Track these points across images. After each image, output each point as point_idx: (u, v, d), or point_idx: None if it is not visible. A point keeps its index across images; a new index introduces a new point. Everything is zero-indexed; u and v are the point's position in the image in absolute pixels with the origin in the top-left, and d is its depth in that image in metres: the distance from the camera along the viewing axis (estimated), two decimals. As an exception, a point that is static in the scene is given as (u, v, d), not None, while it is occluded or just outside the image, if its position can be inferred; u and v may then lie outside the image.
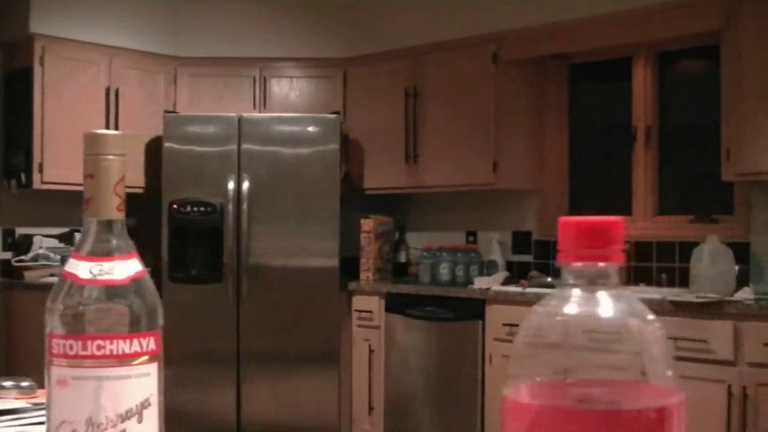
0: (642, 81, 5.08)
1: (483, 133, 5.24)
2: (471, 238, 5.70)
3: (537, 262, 5.40)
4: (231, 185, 5.40)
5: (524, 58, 5.22)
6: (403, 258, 5.87)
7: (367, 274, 5.62)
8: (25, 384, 1.77)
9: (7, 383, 1.78)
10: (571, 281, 0.69)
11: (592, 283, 0.69)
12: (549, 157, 5.43)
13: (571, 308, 0.69)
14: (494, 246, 5.47)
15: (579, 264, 0.69)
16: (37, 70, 5.20)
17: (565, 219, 0.69)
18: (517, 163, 5.31)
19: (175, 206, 5.40)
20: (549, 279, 4.90)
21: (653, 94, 5.06)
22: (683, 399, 0.67)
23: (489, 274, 5.29)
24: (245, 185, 5.41)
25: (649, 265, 4.96)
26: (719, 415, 4.01)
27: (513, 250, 5.53)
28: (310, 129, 5.51)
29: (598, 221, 0.68)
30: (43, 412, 0.91)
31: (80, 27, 5.36)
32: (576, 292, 0.69)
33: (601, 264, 0.69)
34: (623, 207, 5.16)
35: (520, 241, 5.52)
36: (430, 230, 5.88)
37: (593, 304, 0.68)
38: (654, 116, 5.07)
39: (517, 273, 5.30)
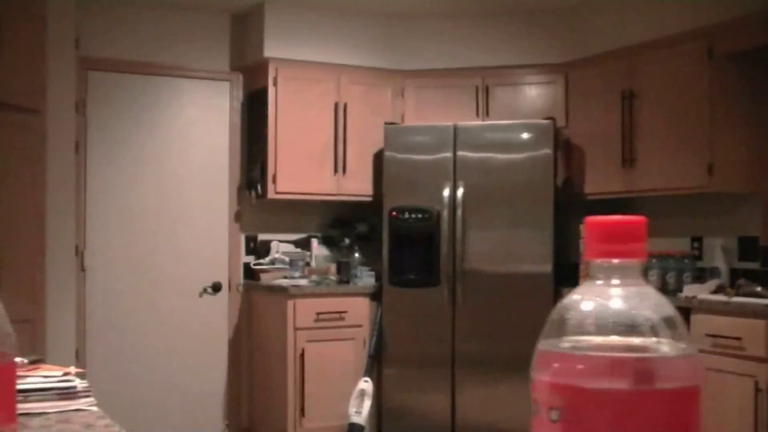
0: None
1: (698, 134, 4.95)
2: (696, 244, 5.39)
3: (765, 270, 4.99)
4: (446, 192, 5.57)
5: (742, 51, 4.85)
6: (627, 265, 5.66)
7: (585, 281, 5.49)
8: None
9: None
10: None
11: None
12: (772, 156, 5.00)
13: None
14: (717, 252, 5.14)
15: None
16: (271, 90, 5.71)
17: None
18: (736, 165, 4.95)
19: (394, 213, 5.66)
20: (759, 288, 4.52)
21: None
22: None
23: (710, 282, 4.98)
24: (460, 192, 5.54)
25: None
26: None
27: (739, 257, 5.15)
28: (524, 135, 5.53)
29: None
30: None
31: (309, 49, 5.81)
32: None
33: None
34: None
35: (747, 247, 5.13)
36: (657, 236, 5.62)
37: None
38: None
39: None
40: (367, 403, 5.38)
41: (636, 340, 0.68)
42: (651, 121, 5.25)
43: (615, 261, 0.70)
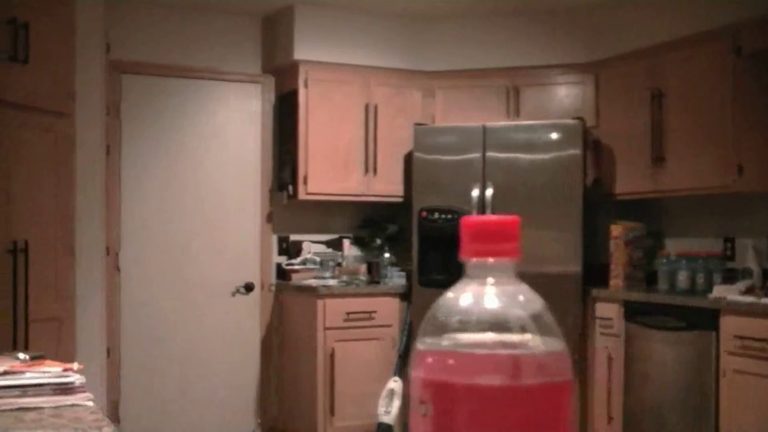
0: None
1: (727, 133, 4.90)
2: (728, 245, 5.32)
3: (798, 270, 4.92)
4: (475, 192, 5.57)
5: (771, 48, 4.79)
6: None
7: (616, 281, 5.47)
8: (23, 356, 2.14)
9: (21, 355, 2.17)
10: None
11: None
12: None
13: None
14: (749, 253, 5.07)
15: None
16: (301, 92, 5.77)
17: None
18: (765, 164, 4.88)
19: (423, 213, 5.68)
20: (788, 289, 4.46)
21: None
22: None
23: (740, 282, 4.91)
24: (489, 192, 5.55)
25: None
26: None
27: (772, 258, 5.08)
28: (553, 135, 5.52)
29: None
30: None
31: (339, 51, 5.86)
32: None
33: None
34: None
35: (780, 247, 5.05)
36: (689, 236, 5.57)
37: None
38: None
39: (771, 282, 4.87)
40: (397, 403, 5.39)
41: (506, 337, 0.70)
42: (680, 121, 5.21)
43: (490, 260, 0.72)
